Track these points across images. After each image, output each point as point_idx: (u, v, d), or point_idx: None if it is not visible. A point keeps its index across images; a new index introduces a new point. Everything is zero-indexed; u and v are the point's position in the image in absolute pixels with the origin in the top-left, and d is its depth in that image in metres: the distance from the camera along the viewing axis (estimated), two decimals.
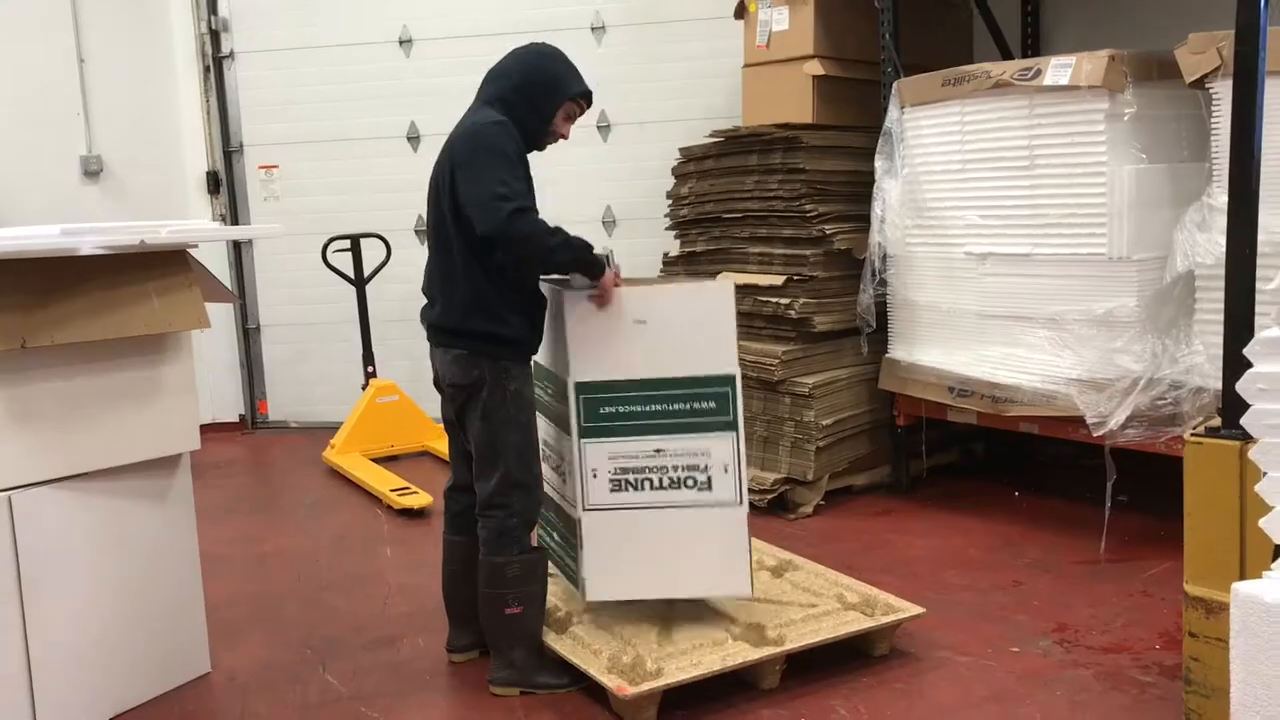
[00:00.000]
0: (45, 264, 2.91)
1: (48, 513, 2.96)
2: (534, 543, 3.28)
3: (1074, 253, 4.10)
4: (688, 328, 3.23)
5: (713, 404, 3.20)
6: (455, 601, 3.42)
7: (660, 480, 3.21)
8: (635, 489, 3.21)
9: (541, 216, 3.03)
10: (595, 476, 3.19)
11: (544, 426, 3.48)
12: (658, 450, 3.20)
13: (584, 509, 3.19)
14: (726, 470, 3.21)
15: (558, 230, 3.07)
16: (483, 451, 3.17)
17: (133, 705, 3.19)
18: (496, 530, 3.16)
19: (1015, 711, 2.96)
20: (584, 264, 3.13)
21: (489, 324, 3.11)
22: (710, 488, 3.21)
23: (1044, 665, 3.23)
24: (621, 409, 3.19)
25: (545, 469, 3.46)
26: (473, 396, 3.15)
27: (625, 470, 3.20)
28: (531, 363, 3.28)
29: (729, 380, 3.21)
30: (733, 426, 3.20)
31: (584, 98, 3.28)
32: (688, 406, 3.19)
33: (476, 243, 3.07)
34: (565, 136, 3.32)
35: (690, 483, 3.21)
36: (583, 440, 3.18)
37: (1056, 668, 3.21)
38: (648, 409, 3.18)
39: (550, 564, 3.43)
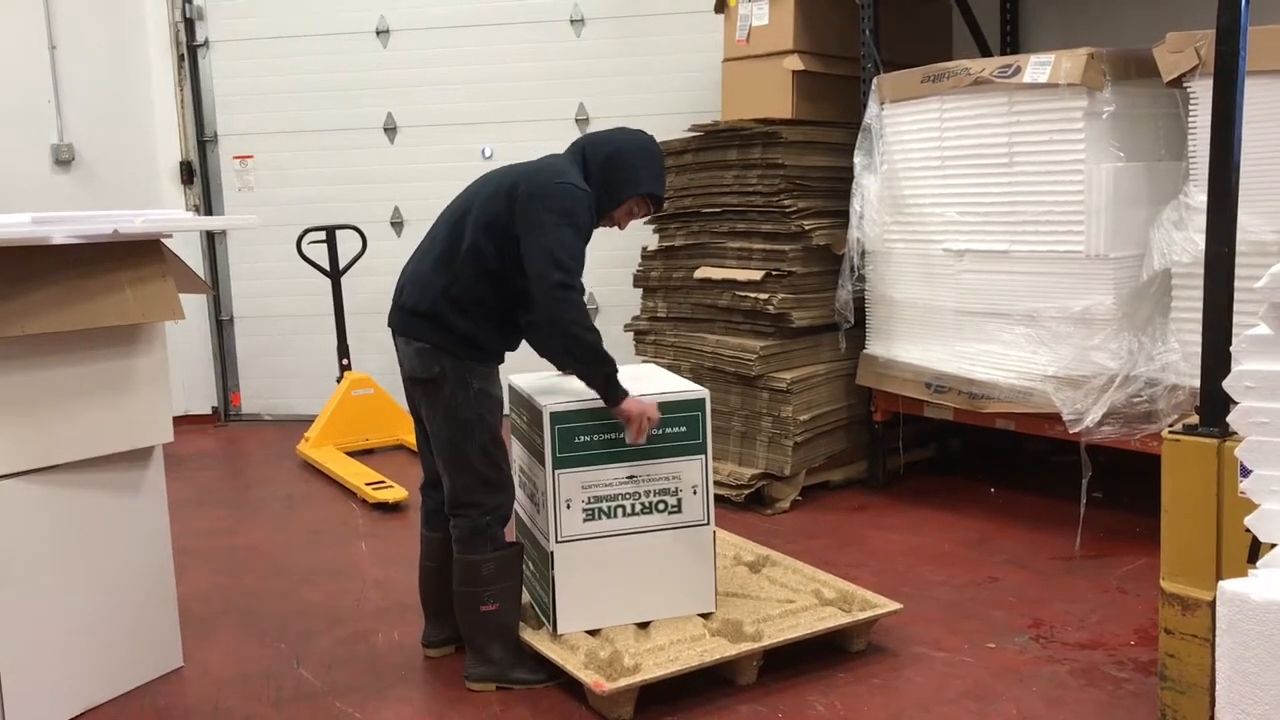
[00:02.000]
0: (16, 253, 2.86)
1: (18, 505, 2.92)
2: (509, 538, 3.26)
3: (1051, 250, 4.12)
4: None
5: (684, 428, 3.22)
6: (431, 597, 3.40)
7: (632, 506, 3.21)
8: (608, 516, 3.20)
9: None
10: (569, 507, 3.16)
11: (519, 452, 3.47)
12: (630, 477, 3.20)
13: (556, 541, 3.16)
14: (695, 491, 3.25)
15: (596, 332, 3.06)
16: (447, 451, 3.15)
17: (105, 700, 3.16)
18: (470, 529, 3.14)
19: (992, 707, 2.97)
20: (602, 379, 3.08)
21: (458, 319, 3.09)
22: (680, 509, 3.24)
23: (1020, 661, 3.25)
24: (596, 437, 3.16)
25: (520, 495, 3.45)
26: (432, 392, 3.13)
27: (598, 499, 3.18)
28: (497, 369, 3.23)
29: (699, 404, 3.23)
30: (702, 449, 3.24)
31: (653, 200, 3.29)
32: (660, 431, 3.19)
33: (488, 254, 3.06)
34: (620, 228, 3.35)
35: (661, 506, 3.23)
36: (557, 471, 3.14)
37: (1032, 663, 3.23)
38: (621, 436, 3.17)
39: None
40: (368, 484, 5.21)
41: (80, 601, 3.09)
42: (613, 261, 6.36)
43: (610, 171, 3.18)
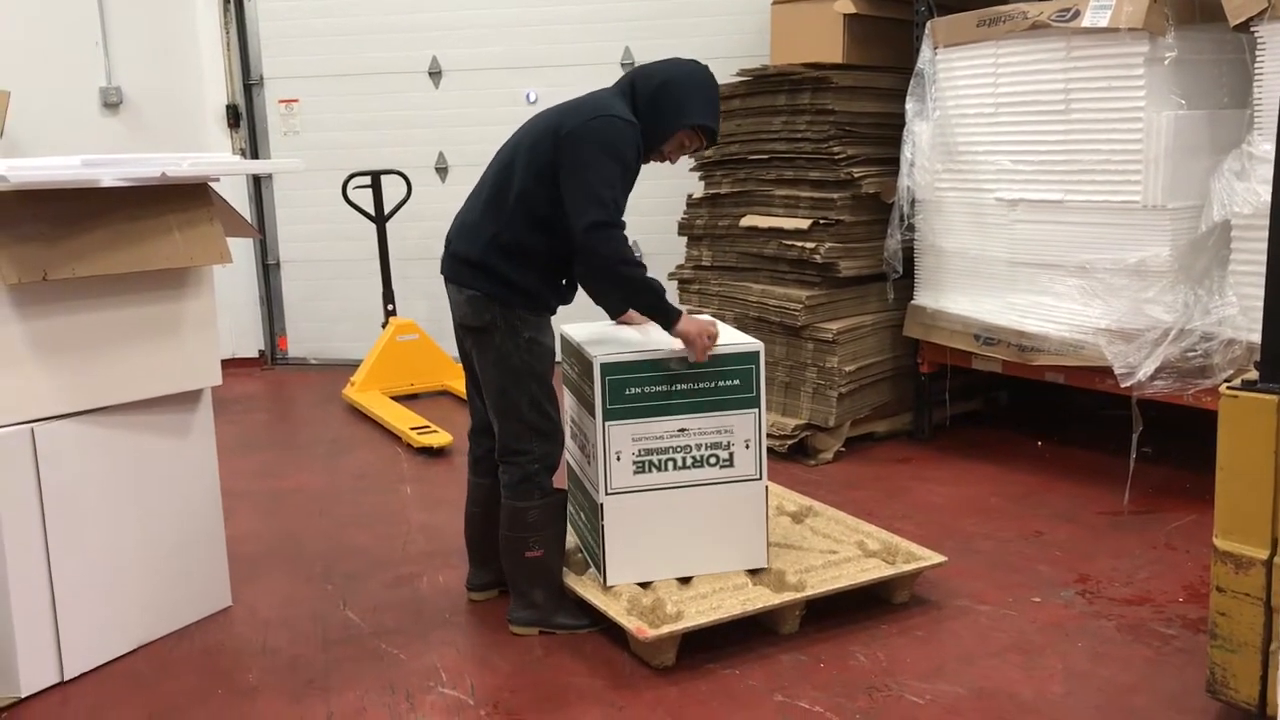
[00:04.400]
0: (66, 195, 2.88)
1: (70, 446, 2.96)
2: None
3: (1107, 200, 4.02)
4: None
5: (737, 381, 3.17)
6: (476, 542, 3.42)
7: (683, 460, 3.17)
8: (659, 470, 3.16)
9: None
10: (619, 459, 3.13)
11: (570, 403, 3.43)
12: (681, 430, 3.16)
13: (606, 493, 3.15)
14: (748, 446, 3.20)
15: (638, 265, 3.03)
16: (497, 398, 3.15)
17: (155, 638, 3.22)
18: (519, 477, 3.14)
19: (1036, 661, 2.95)
20: (652, 308, 3.06)
21: (507, 268, 3.06)
22: (732, 464, 3.20)
23: (1065, 616, 3.22)
24: (647, 389, 3.13)
25: (572, 446, 3.43)
26: (483, 340, 3.12)
27: (649, 451, 3.15)
28: (549, 317, 3.20)
29: (753, 357, 3.18)
30: (755, 403, 3.18)
31: (705, 132, 3.16)
32: (713, 385, 3.15)
33: (538, 199, 3.02)
34: (672, 161, 3.25)
35: (713, 460, 3.19)
36: (607, 423, 3.11)
37: (1078, 618, 3.20)
38: (673, 388, 3.13)
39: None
40: (413, 429, 5.25)
41: (131, 541, 3.14)
42: (657, 209, 6.31)
43: (659, 102, 3.09)
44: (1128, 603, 3.29)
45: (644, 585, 3.17)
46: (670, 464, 3.17)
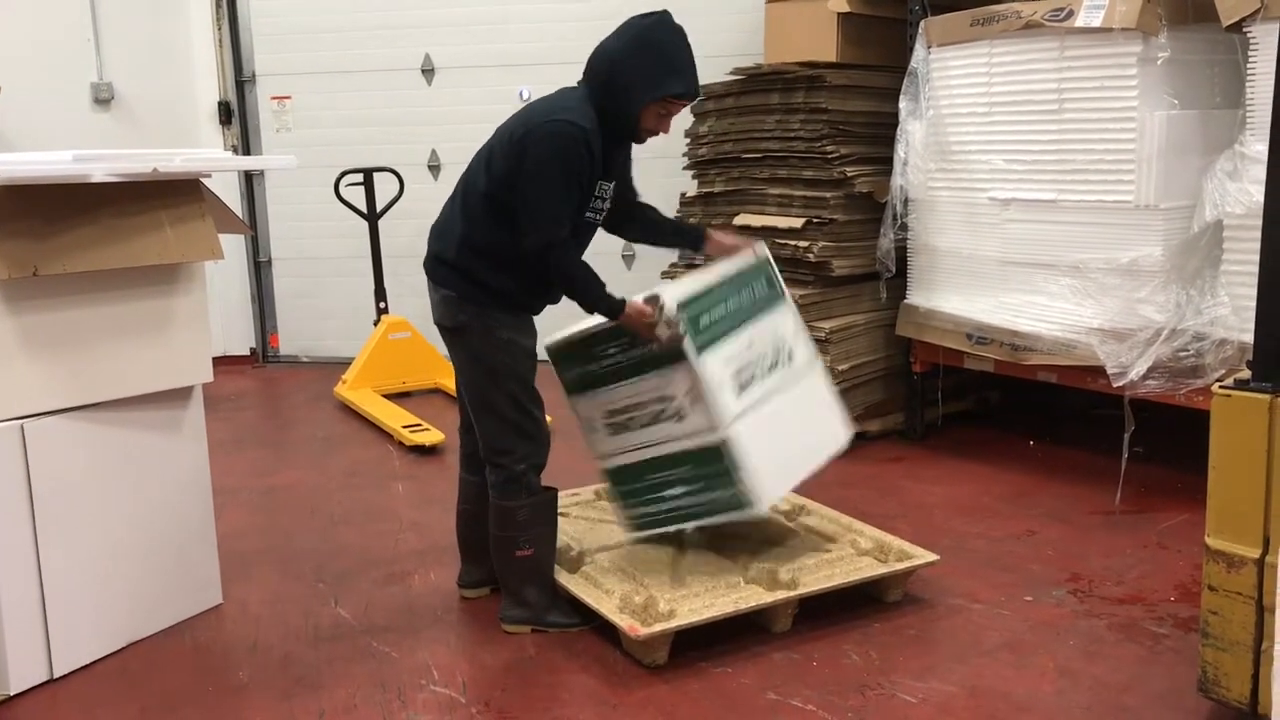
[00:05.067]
0: (57, 191, 2.86)
1: (60, 442, 2.94)
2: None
3: (1100, 200, 4.03)
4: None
5: (765, 283, 3.36)
6: (467, 539, 3.41)
7: (762, 369, 3.25)
8: (751, 386, 3.21)
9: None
10: (723, 388, 3.11)
11: (627, 388, 3.27)
12: (750, 343, 3.25)
13: (728, 425, 3.09)
14: (796, 337, 3.41)
15: (582, 279, 3.03)
16: (477, 398, 3.14)
17: (145, 635, 3.20)
18: (505, 477, 3.13)
19: (1028, 660, 2.95)
20: (595, 307, 3.09)
21: (480, 269, 3.05)
22: (793, 359, 3.37)
23: (1057, 615, 3.22)
24: (714, 314, 3.18)
25: (640, 433, 3.29)
26: (458, 340, 3.12)
27: (739, 372, 3.18)
28: (529, 317, 3.18)
29: (765, 263, 3.40)
30: (783, 296, 3.43)
31: (679, 97, 3.03)
32: (753, 292, 3.31)
33: (505, 202, 3.00)
34: (664, 131, 3.11)
35: (783, 362, 3.33)
36: (704, 354, 3.08)
37: (1070, 617, 3.20)
38: (731, 304, 3.22)
39: (656, 524, 3.34)
40: (404, 426, 5.23)
41: (122, 538, 3.12)
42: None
43: (613, 87, 2.98)
44: (1120, 602, 3.30)
45: (633, 582, 3.17)
46: (754, 378, 3.23)
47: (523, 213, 2.95)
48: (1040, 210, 4.23)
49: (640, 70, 2.97)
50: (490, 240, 3.05)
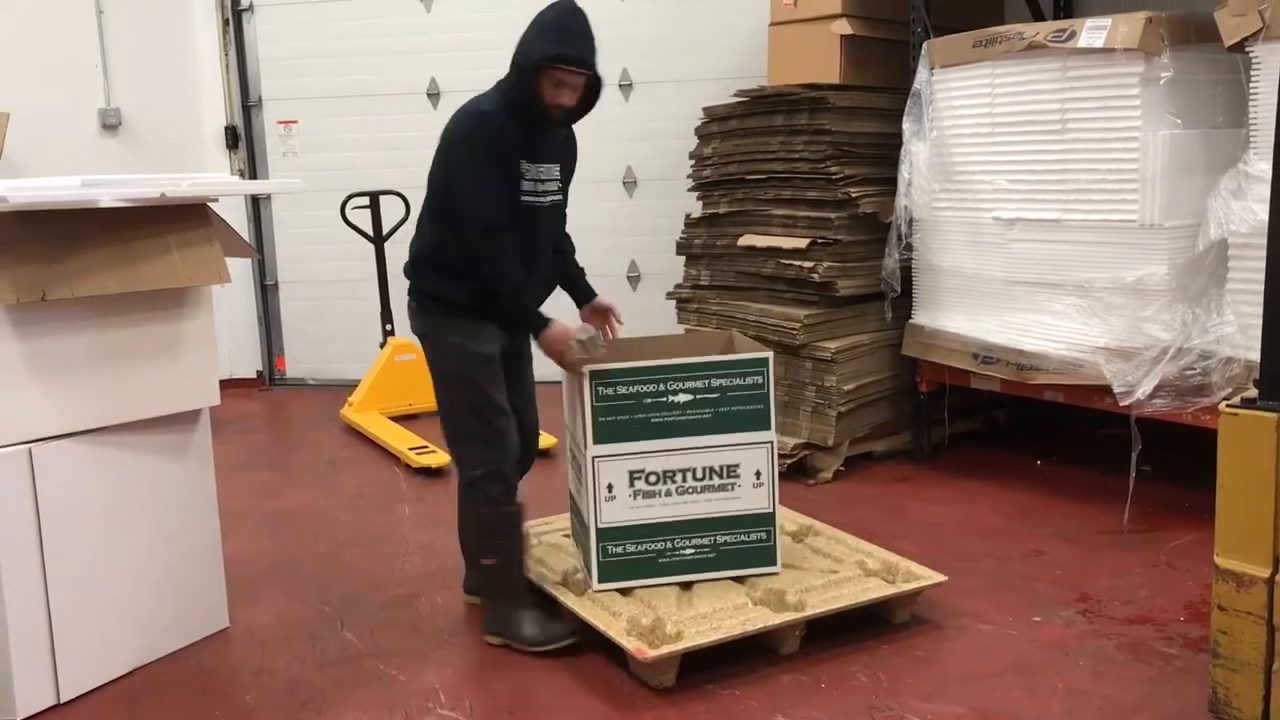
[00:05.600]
0: (65, 216, 2.88)
1: (68, 466, 2.95)
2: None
3: (1104, 219, 4.04)
4: None
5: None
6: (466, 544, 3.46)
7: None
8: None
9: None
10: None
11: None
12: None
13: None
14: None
15: (512, 283, 3.08)
16: (439, 403, 3.28)
17: (152, 659, 3.20)
18: (466, 482, 3.24)
19: (1037, 680, 2.94)
20: (519, 317, 3.16)
21: (432, 278, 3.19)
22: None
23: (1066, 635, 3.21)
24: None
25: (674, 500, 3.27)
26: (425, 348, 3.27)
27: None
28: (488, 325, 3.21)
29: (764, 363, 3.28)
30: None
31: (560, 61, 3.01)
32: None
33: (440, 206, 3.15)
34: (566, 105, 3.10)
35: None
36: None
37: (1079, 637, 3.19)
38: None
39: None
40: (410, 449, 5.24)
41: (129, 562, 3.13)
42: (656, 229, 6.33)
43: (513, 69, 3.12)
44: (1128, 622, 3.28)
45: (640, 603, 3.16)
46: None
47: (450, 207, 3.07)
48: (1044, 230, 4.24)
49: (528, 42, 3.10)
50: (437, 248, 3.17)
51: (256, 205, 7.06)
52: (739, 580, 3.28)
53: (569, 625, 3.20)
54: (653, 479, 3.22)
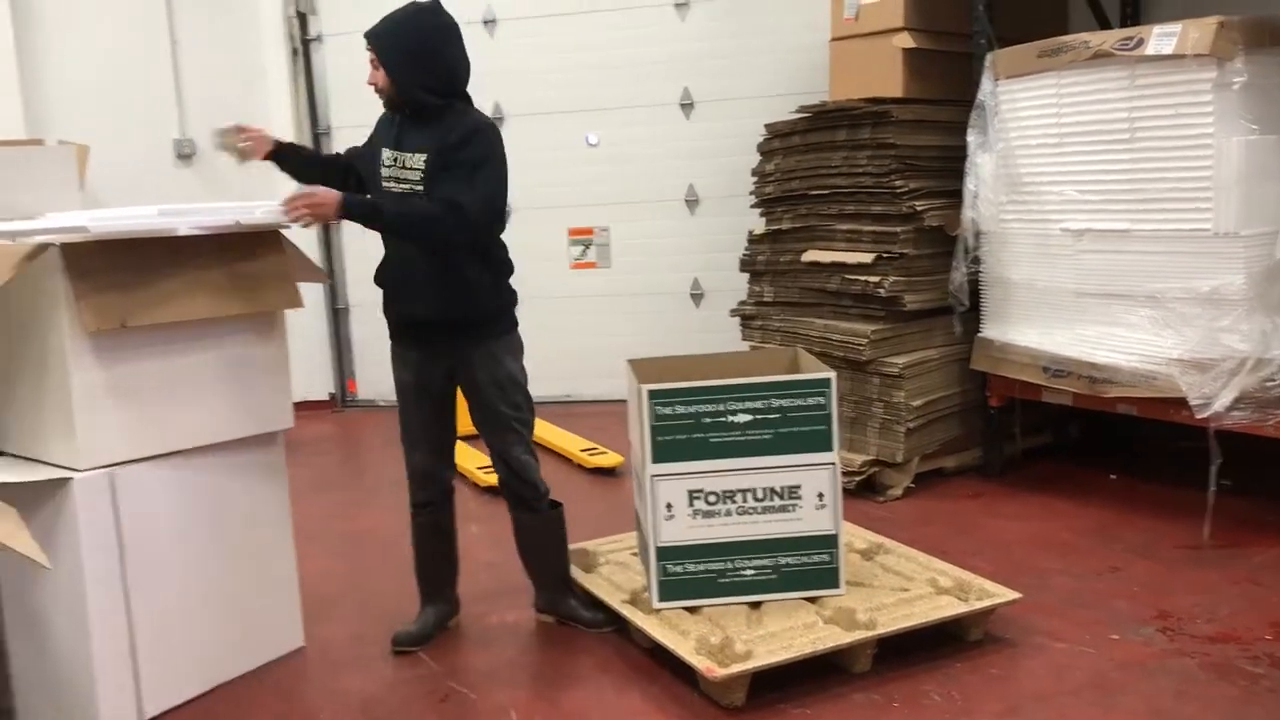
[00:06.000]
0: (143, 245, 2.96)
1: (148, 489, 3.02)
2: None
3: (1177, 228, 3.96)
4: None
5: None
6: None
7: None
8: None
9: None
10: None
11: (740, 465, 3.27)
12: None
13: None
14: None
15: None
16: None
17: (230, 678, 3.26)
18: (533, 497, 3.54)
19: (1116, 700, 2.88)
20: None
21: None
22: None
23: (1146, 653, 3.14)
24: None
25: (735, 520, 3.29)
26: None
27: None
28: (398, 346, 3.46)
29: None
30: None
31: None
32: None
33: None
34: (370, 84, 3.27)
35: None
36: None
37: (1159, 656, 3.12)
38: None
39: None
40: (479, 468, 5.28)
41: (207, 582, 3.19)
42: (718, 246, 6.34)
43: None
44: (1211, 640, 3.20)
45: (710, 623, 3.15)
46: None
47: None
48: (1115, 240, 4.17)
49: None
50: None
51: (327, 230, 7.17)
52: (809, 599, 3.26)
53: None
54: (712, 499, 3.21)
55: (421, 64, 3.16)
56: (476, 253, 3.19)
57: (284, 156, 3.42)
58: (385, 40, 3.16)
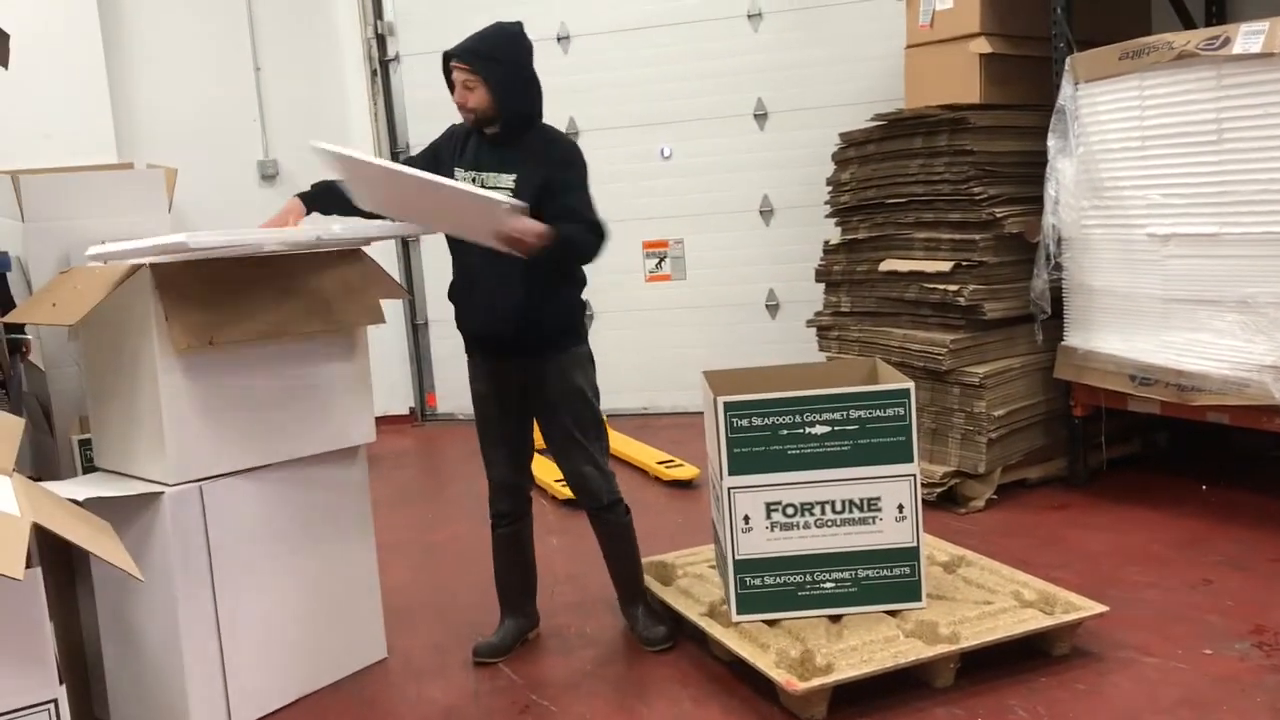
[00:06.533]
0: (229, 264, 3.04)
1: (235, 503, 3.09)
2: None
3: (1268, 231, 3.85)
4: None
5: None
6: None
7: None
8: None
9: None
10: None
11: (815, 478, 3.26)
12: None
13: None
14: None
15: None
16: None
17: (316, 688, 3.32)
18: (612, 502, 3.50)
19: (1210, 717, 2.80)
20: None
21: None
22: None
23: (1241, 669, 3.05)
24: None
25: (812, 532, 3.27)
26: None
27: None
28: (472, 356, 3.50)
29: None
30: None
31: (447, 58, 3.27)
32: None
33: None
34: (459, 103, 3.27)
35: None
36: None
37: (1255, 672, 3.02)
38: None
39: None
40: (556, 480, 5.30)
41: (293, 594, 3.25)
42: (793, 257, 6.31)
43: None
44: None
45: (789, 636, 3.13)
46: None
47: None
48: (1202, 244, 4.07)
49: None
50: None
51: (406, 247, 7.29)
52: (890, 612, 3.23)
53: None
54: (790, 511, 3.19)
55: (523, 83, 3.22)
56: (545, 268, 3.21)
57: (322, 203, 3.34)
58: (488, 62, 3.18)
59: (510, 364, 3.33)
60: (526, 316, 3.22)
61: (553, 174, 3.18)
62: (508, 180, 3.19)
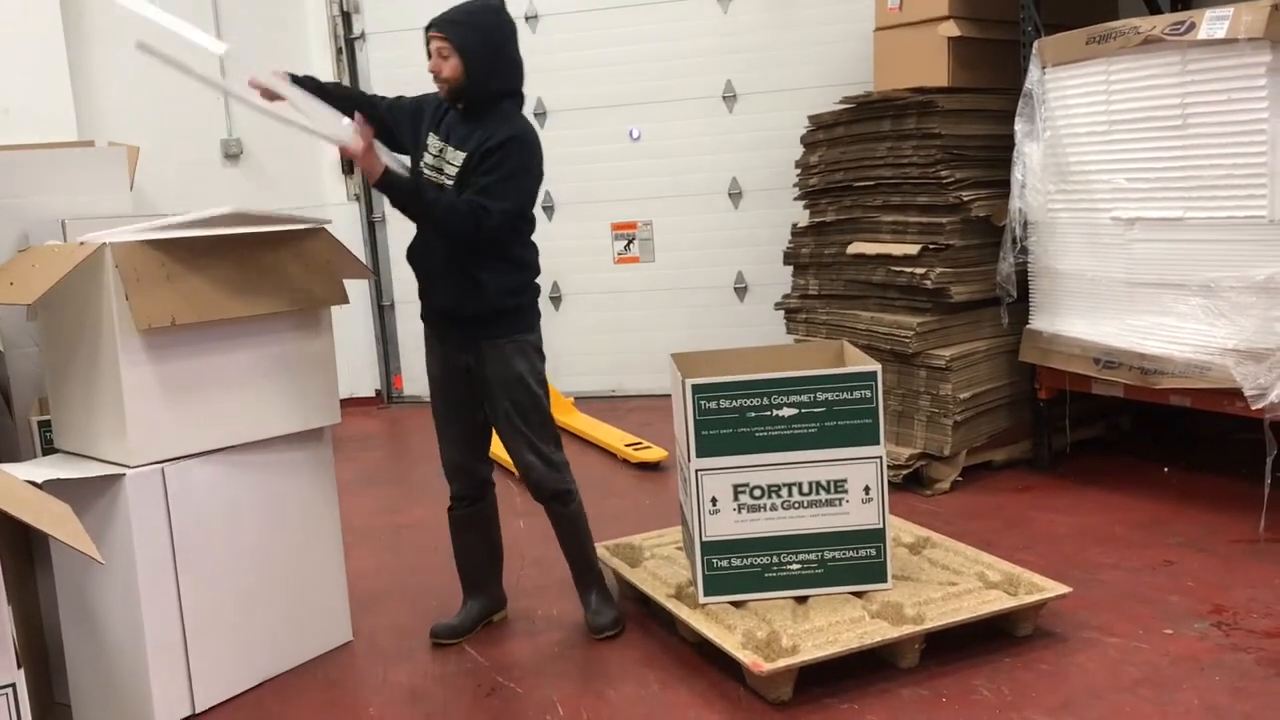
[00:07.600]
0: (190, 244, 2.99)
1: (198, 485, 3.06)
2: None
3: (1231, 216, 3.89)
4: None
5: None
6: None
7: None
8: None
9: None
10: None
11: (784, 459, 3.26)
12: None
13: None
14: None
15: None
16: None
17: (280, 671, 3.29)
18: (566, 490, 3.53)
19: (1170, 696, 2.83)
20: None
21: None
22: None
23: (1200, 648, 3.09)
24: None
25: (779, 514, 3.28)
26: None
27: None
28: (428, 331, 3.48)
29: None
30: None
31: (427, 28, 3.27)
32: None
33: None
34: (433, 71, 3.28)
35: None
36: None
37: (1214, 651, 3.06)
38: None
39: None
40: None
41: (256, 577, 3.23)
42: (762, 240, 6.32)
43: None
44: (1268, 635, 3.14)
45: (755, 616, 3.14)
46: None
47: None
48: (1166, 229, 4.10)
49: None
50: None
51: (372, 228, 7.23)
52: (856, 594, 3.24)
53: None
54: (757, 493, 3.20)
55: (498, 59, 3.18)
56: (495, 249, 3.17)
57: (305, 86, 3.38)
58: (465, 31, 3.15)
59: (452, 345, 3.32)
60: (466, 293, 3.21)
61: (487, 155, 3.14)
62: (459, 159, 3.17)
